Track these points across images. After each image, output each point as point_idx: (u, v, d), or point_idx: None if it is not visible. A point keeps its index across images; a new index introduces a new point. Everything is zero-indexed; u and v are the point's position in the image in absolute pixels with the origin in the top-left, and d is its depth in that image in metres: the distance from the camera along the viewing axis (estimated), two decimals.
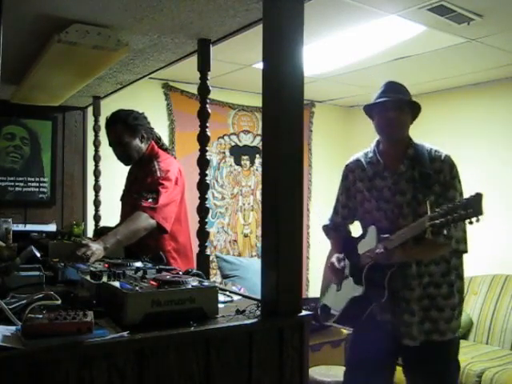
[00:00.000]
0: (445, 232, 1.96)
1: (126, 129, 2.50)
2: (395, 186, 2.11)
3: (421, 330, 2.06)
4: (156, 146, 2.62)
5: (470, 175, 4.32)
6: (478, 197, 1.80)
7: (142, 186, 2.43)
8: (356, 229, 2.38)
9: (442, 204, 1.96)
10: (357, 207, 2.28)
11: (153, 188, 2.36)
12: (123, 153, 2.55)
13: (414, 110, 2.15)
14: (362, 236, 2.25)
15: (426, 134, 2.21)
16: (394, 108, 2.10)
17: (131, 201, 2.48)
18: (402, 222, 2.06)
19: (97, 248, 2.07)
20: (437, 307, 2.07)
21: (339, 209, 2.38)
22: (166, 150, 2.71)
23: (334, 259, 2.28)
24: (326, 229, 2.44)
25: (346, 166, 2.33)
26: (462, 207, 1.82)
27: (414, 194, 2.07)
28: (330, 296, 2.35)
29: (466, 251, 2.10)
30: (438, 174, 2.06)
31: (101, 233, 2.66)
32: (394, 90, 2.14)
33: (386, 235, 2.05)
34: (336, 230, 2.40)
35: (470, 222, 1.82)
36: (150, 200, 2.29)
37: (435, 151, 2.11)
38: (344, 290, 2.24)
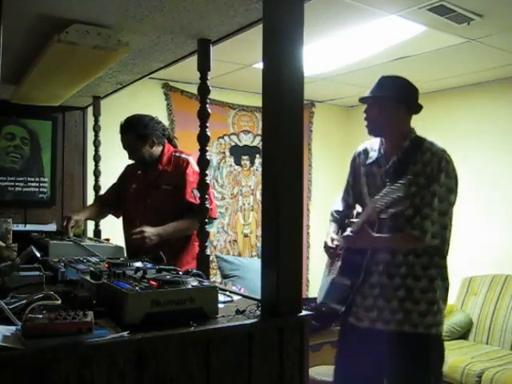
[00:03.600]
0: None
1: (136, 137, 2.66)
2: (386, 175, 2.13)
3: (393, 318, 2.06)
4: (171, 147, 2.80)
5: (469, 175, 4.34)
6: (404, 182, 1.85)
7: (183, 180, 2.61)
8: None
9: (425, 197, 1.99)
10: (360, 190, 2.30)
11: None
12: (134, 157, 2.75)
13: (401, 101, 2.12)
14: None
15: (425, 134, 2.20)
16: (368, 105, 2.15)
17: (161, 193, 2.67)
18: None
19: (151, 232, 2.39)
20: (412, 299, 2.05)
21: (346, 193, 2.41)
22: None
23: (327, 239, 2.29)
24: (331, 213, 2.46)
25: (356, 150, 2.36)
26: (393, 192, 1.88)
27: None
28: (323, 285, 2.37)
29: (442, 250, 2.06)
30: (426, 167, 2.04)
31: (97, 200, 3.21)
32: (376, 86, 2.17)
33: (355, 219, 2.11)
34: (339, 215, 2.41)
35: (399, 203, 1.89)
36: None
37: (430, 144, 2.10)
38: (332, 272, 2.27)
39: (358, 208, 2.37)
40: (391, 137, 2.15)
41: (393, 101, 2.11)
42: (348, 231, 2.12)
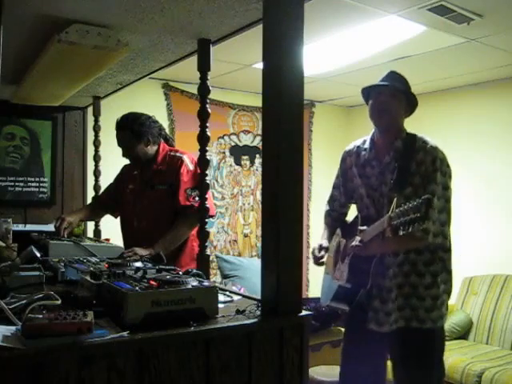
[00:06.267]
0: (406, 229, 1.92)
1: (132, 134, 2.63)
2: (381, 176, 2.13)
3: (401, 315, 2.08)
4: (167, 146, 2.77)
5: (469, 175, 4.34)
6: (423, 201, 1.76)
7: (177, 180, 2.59)
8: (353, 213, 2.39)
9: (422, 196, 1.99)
10: (354, 190, 2.30)
11: (195, 185, 2.56)
12: (129, 155, 2.71)
13: (409, 101, 2.15)
14: (354, 222, 2.28)
15: (425, 134, 2.19)
16: (387, 93, 2.13)
17: (156, 193, 2.65)
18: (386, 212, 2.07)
19: (142, 254, 2.24)
20: (418, 296, 2.07)
21: (338, 191, 2.41)
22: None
23: (316, 245, 2.29)
24: (325, 214, 2.48)
25: (345, 150, 2.36)
26: (412, 210, 1.80)
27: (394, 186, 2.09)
28: (328, 287, 2.37)
29: (444, 245, 2.07)
30: (420, 166, 2.04)
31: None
32: (392, 79, 2.17)
33: (364, 227, 2.09)
34: (333, 215, 2.43)
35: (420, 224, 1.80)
36: (197, 198, 2.45)
37: (423, 142, 2.09)
38: (336, 276, 2.27)
39: (352, 206, 2.38)
40: (389, 134, 2.14)
41: (407, 96, 2.14)
42: (357, 240, 2.09)
